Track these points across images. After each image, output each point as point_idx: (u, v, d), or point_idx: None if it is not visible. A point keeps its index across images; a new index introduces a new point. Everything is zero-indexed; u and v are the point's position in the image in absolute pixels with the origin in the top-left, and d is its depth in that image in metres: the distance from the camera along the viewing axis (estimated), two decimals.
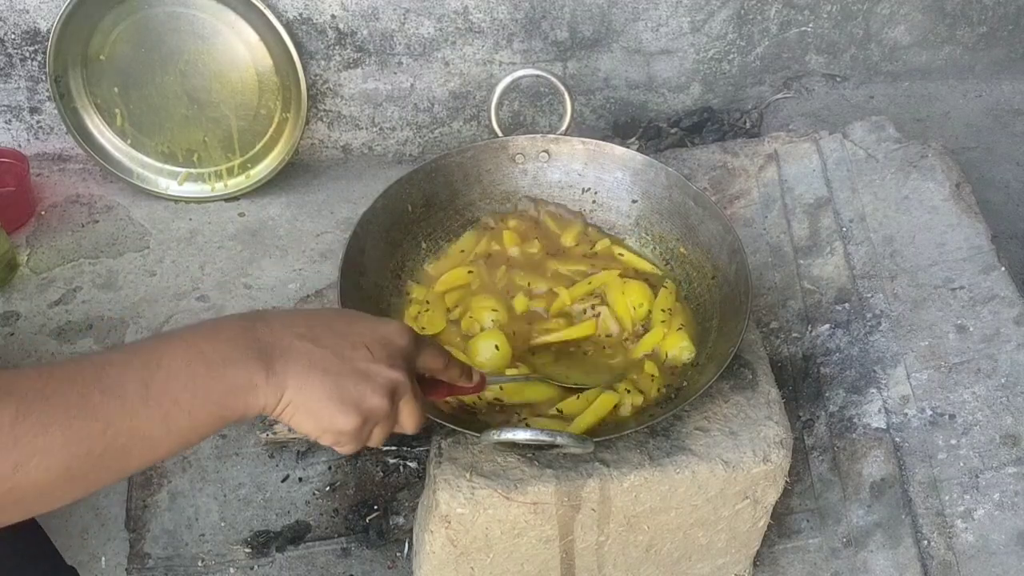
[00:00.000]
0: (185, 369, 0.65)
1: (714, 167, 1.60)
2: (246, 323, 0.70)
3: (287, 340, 0.70)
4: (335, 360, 0.71)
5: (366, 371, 0.73)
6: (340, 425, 0.72)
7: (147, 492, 1.27)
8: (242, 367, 0.67)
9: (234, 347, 0.67)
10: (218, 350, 0.67)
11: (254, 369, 0.68)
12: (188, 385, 0.65)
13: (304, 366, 0.70)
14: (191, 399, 0.65)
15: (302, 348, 0.70)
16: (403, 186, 1.18)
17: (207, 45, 1.60)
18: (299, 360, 0.70)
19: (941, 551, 1.12)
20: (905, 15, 1.81)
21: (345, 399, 0.71)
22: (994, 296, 1.29)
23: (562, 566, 1.06)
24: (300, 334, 0.71)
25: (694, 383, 1.02)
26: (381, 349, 0.74)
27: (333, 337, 0.73)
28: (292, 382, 0.69)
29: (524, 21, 1.68)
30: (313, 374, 0.70)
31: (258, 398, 0.68)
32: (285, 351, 0.70)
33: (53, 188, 1.72)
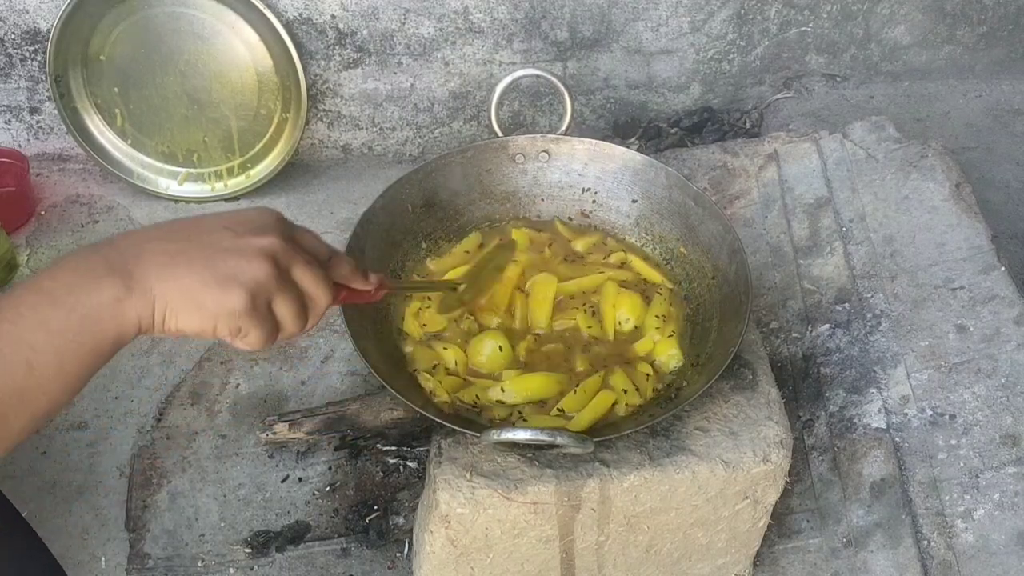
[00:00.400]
0: (31, 312, 0.61)
1: (714, 167, 1.60)
2: (89, 249, 0.65)
3: (137, 247, 0.66)
4: (196, 248, 0.66)
5: (234, 247, 0.67)
6: (228, 304, 0.66)
7: (147, 492, 1.27)
8: (94, 288, 0.63)
9: (79, 274, 0.63)
10: (62, 281, 0.63)
11: (109, 284, 0.63)
12: (39, 327, 0.61)
13: (164, 263, 0.65)
14: (48, 339, 0.61)
15: (157, 248, 0.66)
16: (403, 186, 1.18)
17: (207, 45, 1.61)
18: (157, 259, 0.65)
19: (941, 551, 1.12)
20: (905, 15, 1.81)
21: (220, 278, 0.66)
22: (994, 296, 1.29)
23: (562, 566, 1.06)
24: (149, 237, 0.67)
25: (694, 383, 1.02)
26: (243, 226, 0.69)
27: (187, 231, 0.68)
28: (158, 283, 0.64)
29: (524, 21, 1.68)
30: (177, 267, 0.65)
31: (127, 311, 0.64)
32: (138, 257, 0.65)
33: (53, 188, 1.72)
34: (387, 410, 1.22)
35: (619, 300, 1.13)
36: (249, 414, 1.35)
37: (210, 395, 1.38)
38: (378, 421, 1.22)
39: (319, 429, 1.24)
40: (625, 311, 1.12)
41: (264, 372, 1.40)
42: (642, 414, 1.02)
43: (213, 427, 1.34)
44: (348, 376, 1.39)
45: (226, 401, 1.37)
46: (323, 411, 1.24)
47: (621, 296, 1.13)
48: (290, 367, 1.41)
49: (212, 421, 1.35)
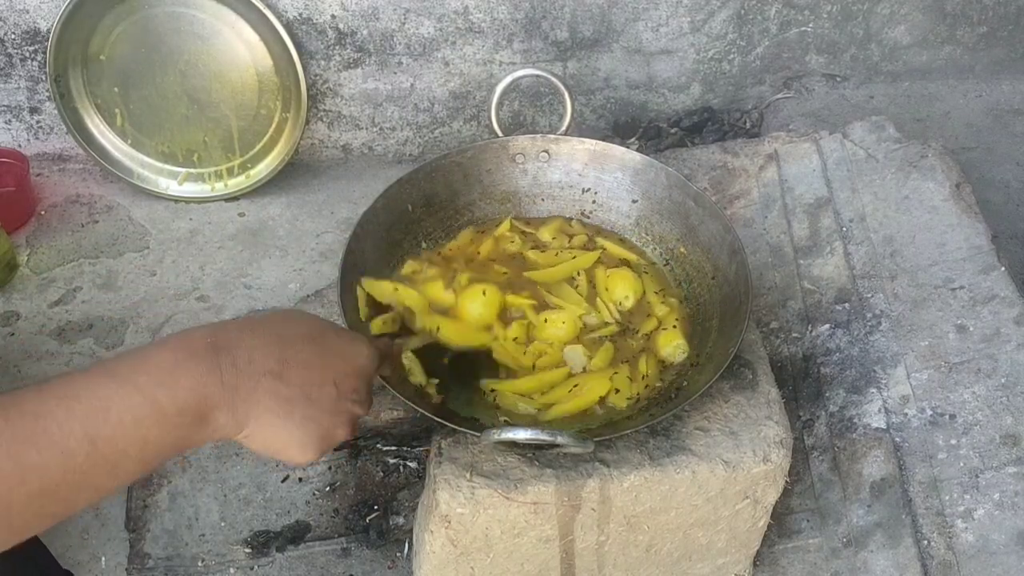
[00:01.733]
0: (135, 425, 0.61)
1: (714, 167, 1.60)
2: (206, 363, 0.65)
3: (253, 380, 0.67)
4: (301, 403, 0.70)
5: (332, 410, 0.72)
6: (300, 459, 0.72)
7: (147, 492, 1.27)
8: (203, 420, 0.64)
9: (194, 395, 0.64)
10: (175, 400, 0.63)
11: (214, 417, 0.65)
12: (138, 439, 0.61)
13: (268, 408, 0.68)
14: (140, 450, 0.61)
15: (269, 388, 0.68)
16: (403, 186, 1.18)
17: (207, 45, 1.60)
18: (262, 401, 0.68)
19: (941, 551, 1.12)
20: (905, 15, 1.81)
21: (305, 441, 0.71)
22: (994, 296, 1.29)
23: (562, 566, 1.06)
24: (268, 370, 0.68)
25: (694, 383, 1.02)
26: (348, 382, 0.74)
27: (301, 373, 0.70)
28: (253, 422, 0.68)
29: (524, 21, 1.68)
30: (276, 417, 0.69)
31: (215, 434, 0.66)
32: (250, 392, 0.67)
33: (53, 188, 1.72)
34: (387, 410, 1.22)
35: (611, 280, 1.13)
36: None
37: None
38: (378, 421, 1.22)
39: None
40: (622, 288, 1.12)
41: None
42: (642, 413, 1.02)
43: None
44: None
45: None
46: None
47: (612, 276, 1.14)
48: None
49: None
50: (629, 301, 1.13)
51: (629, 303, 1.13)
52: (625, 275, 1.14)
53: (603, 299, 1.13)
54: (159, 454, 0.63)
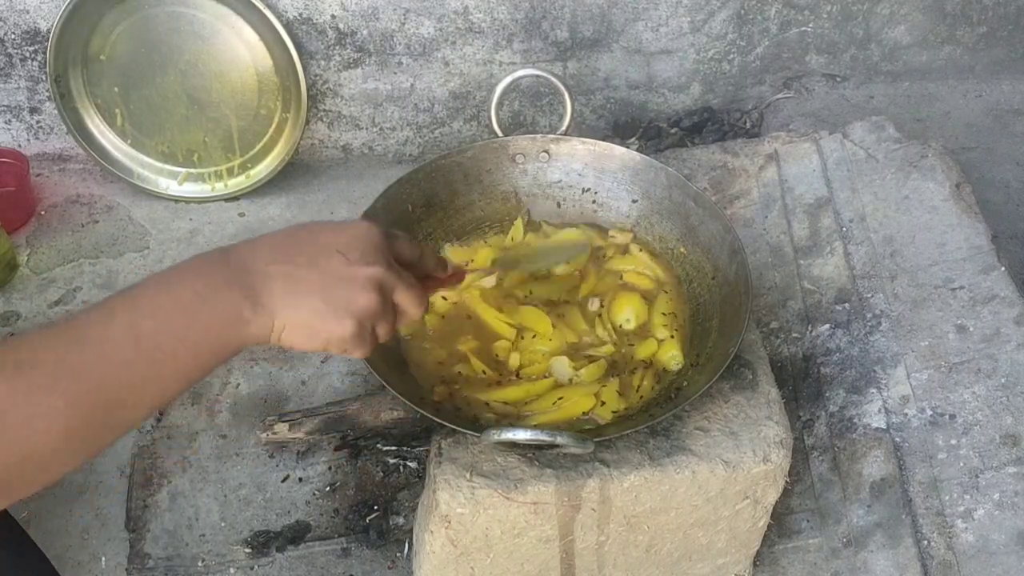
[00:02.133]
0: (169, 316, 0.66)
1: (714, 167, 1.60)
2: (217, 259, 0.71)
3: (262, 266, 0.71)
4: (312, 275, 0.72)
5: (346, 275, 0.74)
6: (339, 332, 0.73)
7: (147, 492, 1.27)
8: (227, 303, 0.68)
9: (212, 286, 0.68)
10: (198, 292, 0.68)
11: (239, 301, 0.68)
12: (175, 332, 0.66)
13: (287, 289, 0.71)
14: (180, 345, 0.66)
15: (279, 271, 0.71)
16: (403, 186, 1.18)
17: (207, 45, 1.60)
18: (280, 283, 0.71)
19: (941, 551, 1.12)
20: (905, 15, 1.81)
21: (336, 308, 0.73)
22: (994, 296, 1.29)
23: (562, 566, 1.06)
24: (271, 258, 0.72)
25: (694, 383, 1.02)
26: (354, 251, 0.75)
27: (304, 253, 0.74)
28: (279, 306, 0.70)
29: (524, 21, 1.68)
30: (297, 294, 0.71)
31: (249, 329, 0.69)
32: (264, 279, 0.70)
33: (53, 188, 1.72)
34: (387, 410, 1.22)
35: (618, 302, 1.13)
36: (249, 414, 1.35)
37: (210, 395, 1.38)
38: (378, 421, 1.22)
39: (319, 429, 1.24)
40: (626, 312, 1.12)
41: (264, 372, 1.40)
42: (642, 413, 1.02)
43: (213, 427, 1.34)
44: (348, 376, 1.39)
45: (226, 401, 1.37)
46: (323, 411, 1.24)
47: (620, 298, 1.13)
48: (290, 367, 1.41)
49: (212, 421, 1.35)
50: (631, 324, 1.11)
51: (631, 325, 1.11)
52: (632, 299, 1.13)
53: (605, 318, 1.12)
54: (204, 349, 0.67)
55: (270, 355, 1.42)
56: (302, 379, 1.39)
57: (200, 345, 0.67)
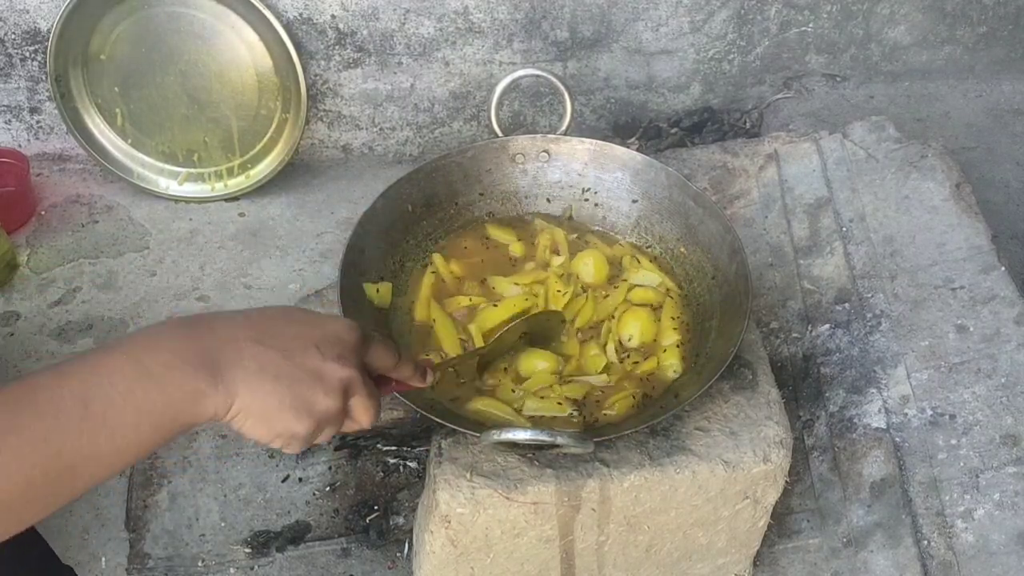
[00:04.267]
0: (125, 386, 0.63)
1: (714, 167, 1.60)
2: (189, 329, 0.68)
3: (233, 344, 0.69)
4: (285, 363, 0.70)
5: (317, 372, 0.71)
6: (293, 429, 0.71)
7: (147, 492, 1.27)
8: (187, 377, 0.65)
9: (177, 356, 0.66)
10: (160, 361, 0.65)
11: (200, 377, 0.66)
12: (130, 401, 0.63)
13: (253, 371, 0.68)
14: (135, 415, 0.63)
15: (250, 352, 0.69)
16: (403, 186, 1.18)
17: (207, 45, 1.60)
18: (248, 365, 0.68)
19: (941, 551, 1.12)
20: (905, 15, 1.81)
21: (298, 405, 0.70)
22: (994, 296, 1.29)
23: (562, 566, 1.06)
24: (247, 336, 0.70)
25: (694, 383, 1.02)
26: (330, 348, 0.73)
27: (281, 338, 0.71)
28: (243, 388, 0.68)
29: (524, 21, 1.68)
30: (264, 380, 0.69)
31: (207, 406, 0.67)
32: (232, 356, 0.68)
33: (53, 188, 1.72)
34: (387, 410, 1.22)
35: (624, 317, 1.11)
36: None
37: None
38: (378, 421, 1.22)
39: None
40: (629, 327, 1.10)
41: None
42: (642, 413, 1.02)
43: (213, 427, 1.34)
44: None
45: None
46: None
47: (628, 313, 1.12)
48: None
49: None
50: (634, 341, 1.10)
51: (633, 343, 1.10)
52: (639, 315, 1.11)
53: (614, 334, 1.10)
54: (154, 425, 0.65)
55: None
56: None
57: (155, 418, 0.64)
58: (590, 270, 1.17)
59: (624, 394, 1.04)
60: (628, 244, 1.22)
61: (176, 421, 0.66)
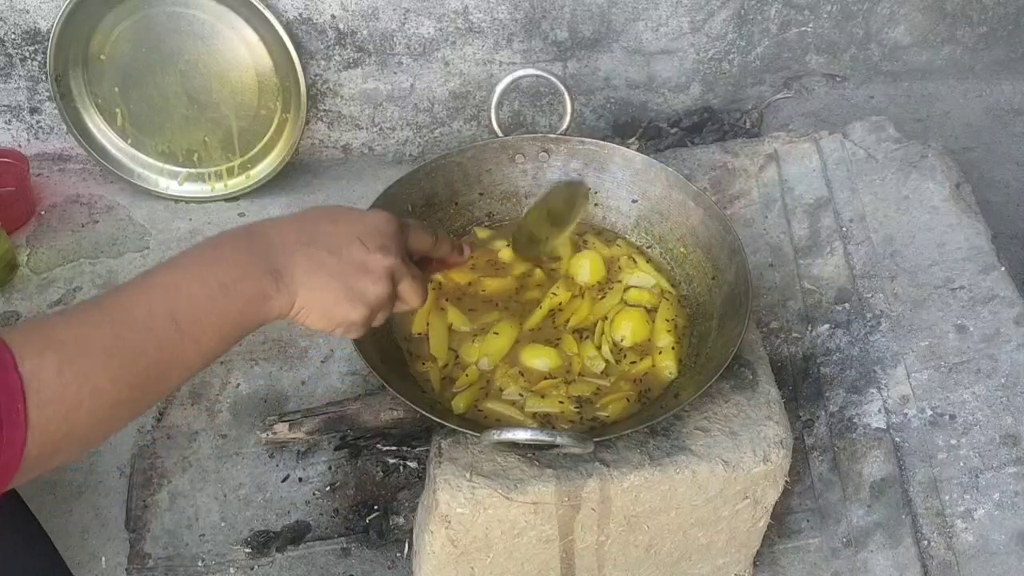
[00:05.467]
0: (206, 297, 0.71)
1: (714, 167, 1.60)
2: (247, 241, 0.76)
3: (288, 250, 0.76)
4: (335, 261, 0.78)
5: (364, 264, 0.79)
6: (352, 318, 0.79)
7: (147, 492, 1.27)
8: (256, 285, 0.73)
9: (241, 266, 0.74)
10: (229, 272, 0.73)
11: (266, 282, 0.74)
12: (211, 311, 0.71)
13: (309, 271, 0.76)
14: (217, 324, 0.72)
15: (304, 254, 0.77)
16: (403, 186, 1.18)
17: (207, 45, 1.60)
18: (303, 265, 0.76)
19: (941, 551, 1.12)
20: (905, 15, 1.81)
21: (352, 296, 0.78)
22: (994, 296, 1.29)
23: (562, 566, 1.06)
24: (299, 240, 0.77)
25: (694, 382, 1.02)
26: (373, 240, 0.80)
27: (328, 237, 0.79)
28: (302, 288, 0.76)
29: (524, 21, 1.68)
30: (319, 277, 0.77)
31: (273, 307, 0.75)
32: (288, 259, 0.76)
33: (53, 188, 1.72)
34: (387, 410, 1.22)
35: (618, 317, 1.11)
36: (249, 414, 1.35)
37: (210, 395, 1.38)
38: (378, 421, 1.22)
39: (319, 429, 1.24)
40: (624, 329, 1.10)
41: (264, 372, 1.40)
42: (642, 414, 1.02)
43: (213, 427, 1.34)
44: (348, 376, 1.39)
45: (226, 401, 1.37)
46: (323, 411, 1.24)
47: (622, 313, 1.12)
48: (290, 367, 1.41)
49: (212, 421, 1.35)
50: (626, 341, 1.10)
51: (627, 343, 1.10)
52: (632, 316, 1.11)
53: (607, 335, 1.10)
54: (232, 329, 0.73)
55: (270, 355, 1.42)
56: (302, 379, 1.39)
57: (232, 323, 0.73)
58: (587, 271, 1.17)
59: (619, 395, 1.04)
60: (626, 244, 1.23)
61: (249, 322, 0.74)
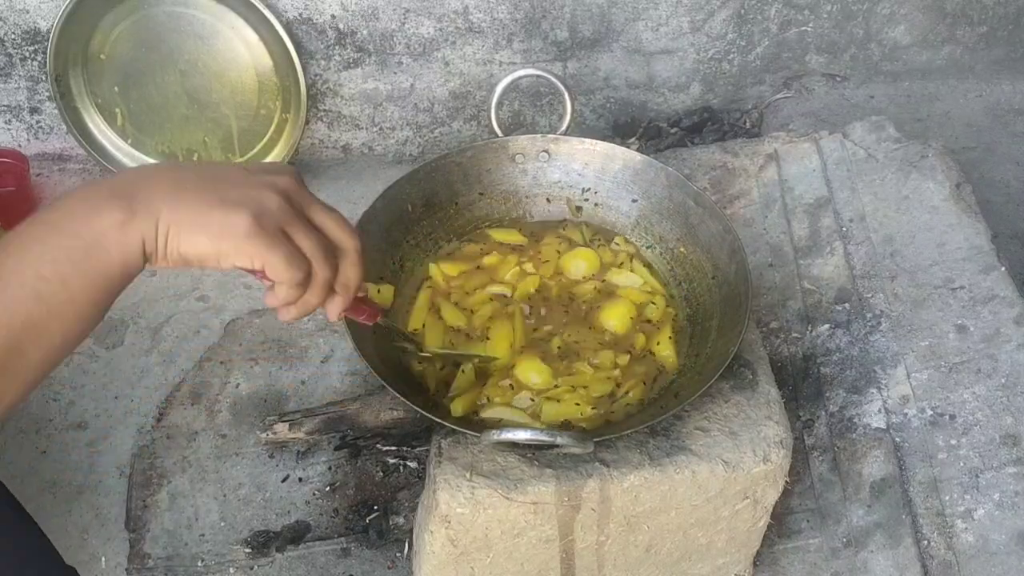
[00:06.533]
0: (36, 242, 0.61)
1: (714, 167, 1.60)
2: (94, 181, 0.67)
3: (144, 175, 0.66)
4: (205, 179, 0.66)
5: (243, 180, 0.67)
6: (236, 225, 0.64)
7: (147, 492, 1.27)
8: (97, 213, 0.62)
9: (83, 202, 0.63)
10: (66, 210, 0.63)
11: (113, 208, 0.62)
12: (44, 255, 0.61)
13: (170, 189, 0.64)
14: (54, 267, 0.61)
15: (164, 176, 0.66)
16: (403, 186, 1.18)
17: (207, 45, 1.60)
18: (163, 185, 0.64)
19: (941, 551, 1.12)
20: (905, 15, 1.81)
21: (227, 201, 0.64)
22: (994, 296, 1.29)
23: (562, 566, 1.06)
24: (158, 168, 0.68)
25: (694, 383, 1.02)
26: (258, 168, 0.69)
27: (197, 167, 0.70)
28: (163, 206, 0.63)
29: (524, 21, 1.68)
30: (184, 192, 0.64)
31: (130, 234, 0.62)
32: (145, 182, 0.65)
33: (53, 188, 1.72)
34: (387, 410, 1.22)
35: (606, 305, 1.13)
36: (249, 414, 1.35)
37: (210, 395, 1.38)
38: (378, 421, 1.22)
39: (319, 429, 1.24)
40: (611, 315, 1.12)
41: (264, 372, 1.40)
42: (642, 413, 1.02)
43: (213, 427, 1.34)
44: (348, 376, 1.39)
45: (226, 401, 1.37)
46: (323, 411, 1.24)
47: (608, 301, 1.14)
48: (290, 367, 1.41)
49: (212, 421, 1.35)
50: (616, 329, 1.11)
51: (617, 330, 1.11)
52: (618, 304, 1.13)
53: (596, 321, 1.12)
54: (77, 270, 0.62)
55: (270, 355, 1.42)
56: (302, 379, 1.39)
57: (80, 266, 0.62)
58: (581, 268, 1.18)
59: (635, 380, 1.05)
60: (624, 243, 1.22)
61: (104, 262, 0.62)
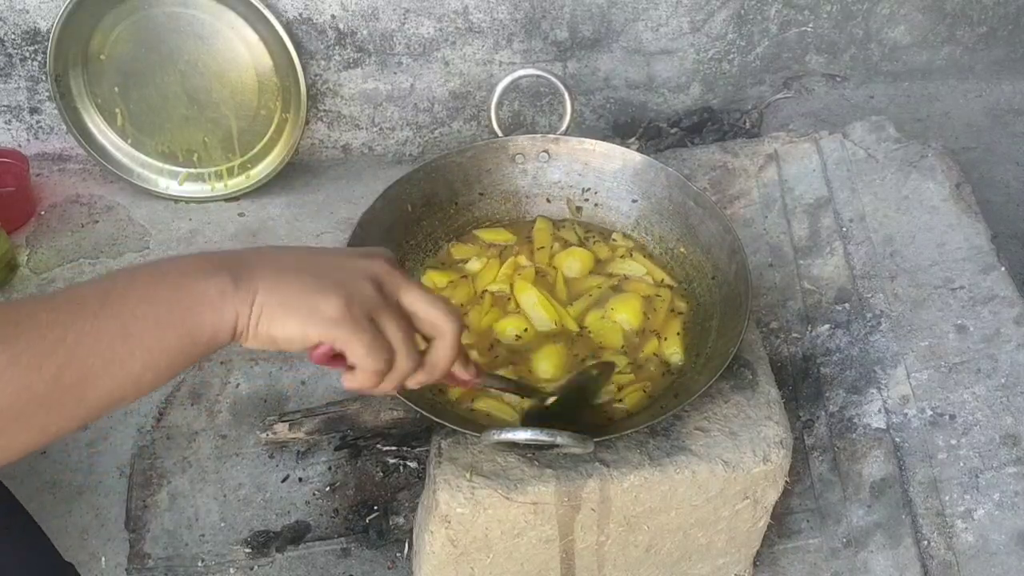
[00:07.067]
0: (145, 283, 0.63)
1: (714, 167, 1.60)
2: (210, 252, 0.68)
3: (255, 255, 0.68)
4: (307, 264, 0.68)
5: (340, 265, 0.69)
6: (322, 307, 0.66)
7: (147, 492, 1.27)
8: (205, 277, 0.64)
9: (196, 264, 0.65)
10: (179, 268, 0.65)
11: (219, 278, 0.64)
12: (146, 296, 0.62)
13: (274, 270, 0.67)
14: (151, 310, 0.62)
15: (271, 257, 0.68)
16: (403, 186, 1.18)
17: (207, 45, 1.61)
18: (268, 266, 0.67)
19: (941, 551, 1.12)
20: (905, 15, 1.81)
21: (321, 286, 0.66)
22: (994, 296, 1.29)
23: (562, 566, 1.06)
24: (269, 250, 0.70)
25: (694, 383, 1.02)
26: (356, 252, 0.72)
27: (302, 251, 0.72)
28: (263, 284, 0.65)
29: (524, 21, 1.68)
30: (284, 274, 0.67)
31: (227, 306, 0.64)
32: (252, 261, 0.67)
33: (53, 188, 1.72)
34: (387, 410, 1.22)
35: (617, 301, 1.13)
36: (249, 414, 1.35)
37: (210, 395, 1.38)
38: (378, 421, 1.22)
39: (319, 429, 1.24)
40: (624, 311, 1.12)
41: (264, 372, 1.40)
42: (642, 413, 1.02)
43: (213, 427, 1.34)
44: None
45: (226, 401, 1.37)
46: (323, 411, 1.24)
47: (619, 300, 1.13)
48: (290, 367, 1.41)
49: (212, 421, 1.35)
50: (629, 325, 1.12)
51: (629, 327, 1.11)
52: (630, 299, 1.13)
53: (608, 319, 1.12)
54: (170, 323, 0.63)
55: (270, 355, 1.42)
56: (302, 379, 1.39)
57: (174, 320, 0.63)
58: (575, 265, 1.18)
59: (636, 387, 1.05)
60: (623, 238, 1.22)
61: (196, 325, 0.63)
